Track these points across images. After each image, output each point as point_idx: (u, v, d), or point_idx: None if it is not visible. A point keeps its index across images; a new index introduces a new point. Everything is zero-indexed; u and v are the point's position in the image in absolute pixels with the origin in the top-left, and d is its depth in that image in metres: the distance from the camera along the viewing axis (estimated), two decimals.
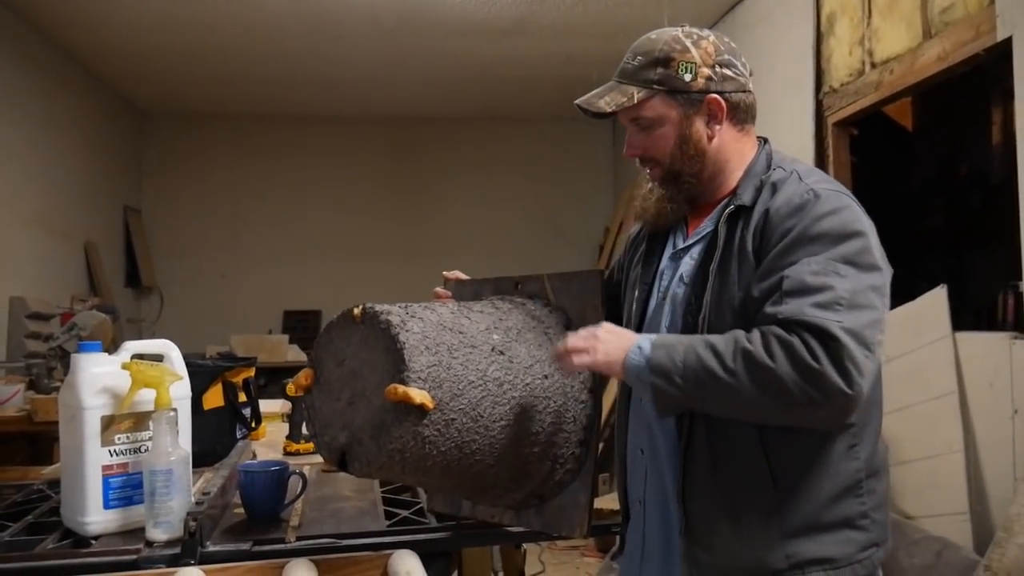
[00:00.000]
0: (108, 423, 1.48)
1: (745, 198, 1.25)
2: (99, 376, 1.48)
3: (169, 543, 1.40)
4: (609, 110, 1.29)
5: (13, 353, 4.46)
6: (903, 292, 3.09)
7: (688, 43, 1.29)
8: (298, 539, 1.44)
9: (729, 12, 4.53)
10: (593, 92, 1.34)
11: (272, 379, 4.34)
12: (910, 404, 3.02)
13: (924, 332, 2.95)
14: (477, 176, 7.29)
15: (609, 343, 1.19)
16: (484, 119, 7.16)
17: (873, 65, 3.25)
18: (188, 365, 1.70)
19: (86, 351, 1.51)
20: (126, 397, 1.47)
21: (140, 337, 6.90)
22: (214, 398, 2.18)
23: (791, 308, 1.10)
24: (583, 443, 1.36)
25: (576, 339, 1.20)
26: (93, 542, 1.45)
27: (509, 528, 1.47)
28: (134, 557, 1.35)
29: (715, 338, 1.14)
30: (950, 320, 2.87)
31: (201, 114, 6.93)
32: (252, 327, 6.56)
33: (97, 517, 1.47)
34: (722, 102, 1.29)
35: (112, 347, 1.62)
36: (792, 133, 3.84)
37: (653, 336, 1.19)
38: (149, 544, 1.41)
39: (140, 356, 1.57)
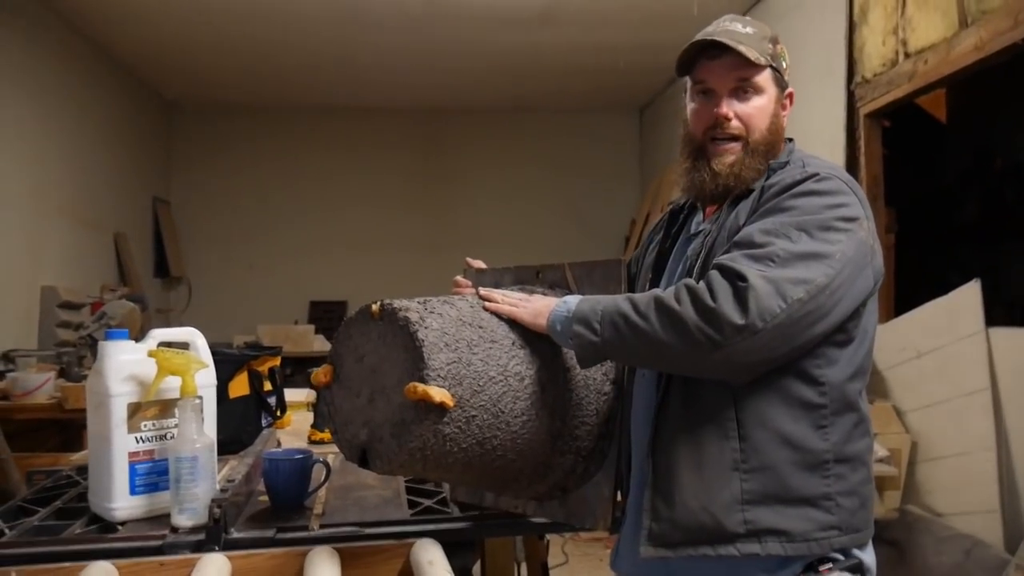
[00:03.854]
0: (134, 410, 1.49)
1: (757, 184, 1.27)
2: (126, 364, 1.49)
3: (194, 529, 1.41)
4: (751, 57, 1.25)
5: (44, 342, 4.53)
6: (936, 286, 3.04)
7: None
8: (321, 527, 1.44)
9: (760, 1, 4.46)
10: (718, 31, 1.29)
11: (298, 369, 4.38)
12: (941, 400, 2.97)
13: (957, 327, 2.90)
14: (503, 167, 7.28)
15: (539, 302, 1.27)
16: (510, 110, 7.14)
17: (907, 55, 3.18)
18: (214, 354, 1.71)
19: (113, 339, 1.52)
20: (152, 384, 1.48)
21: (169, 326, 6.97)
22: (240, 386, 2.20)
23: (727, 257, 1.15)
24: (606, 435, 1.35)
25: (509, 297, 1.29)
26: (119, 528, 1.46)
27: (532, 519, 1.47)
28: (159, 543, 1.36)
29: (638, 294, 1.18)
30: (983, 315, 2.81)
31: (229, 106, 6.98)
32: (279, 317, 6.62)
33: (123, 503, 1.48)
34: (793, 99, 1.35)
35: (140, 336, 1.63)
36: (823, 124, 3.79)
37: (578, 296, 1.24)
38: (174, 530, 1.42)
39: (167, 344, 1.58)
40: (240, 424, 2.14)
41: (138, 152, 6.34)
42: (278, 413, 2.31)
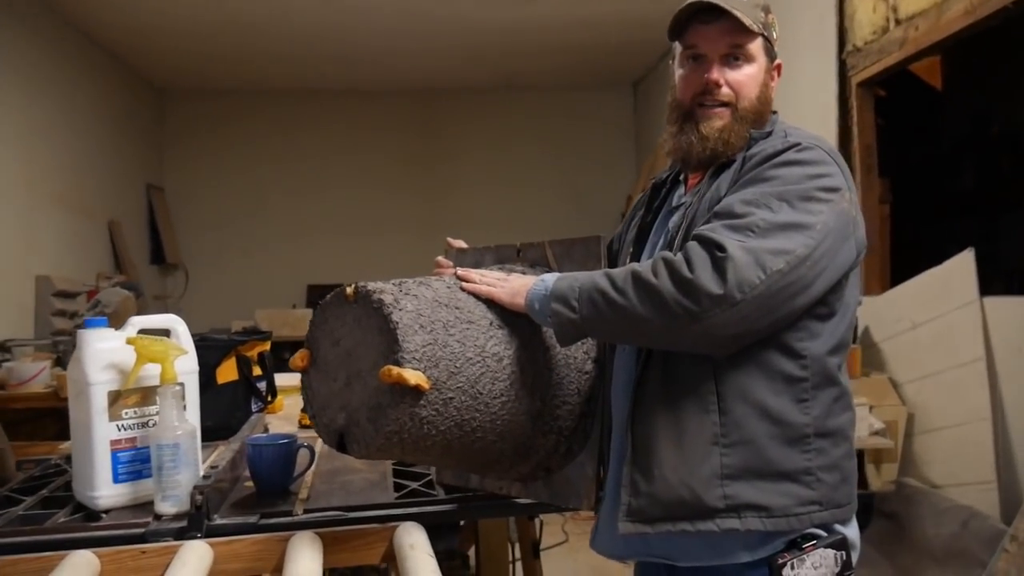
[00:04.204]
0: (115, 398, 1.48)
1: (739, 155, 1.25)
2: (105, 352, 1.48)
3: (177, 516, 1.40)
4: (747, 23, 1.22)
5: (40, 331, 4.53)
6: (932, 256, 3.01)
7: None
8: (305, 512, 1.44)
9: None
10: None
11: (296, 352, 4.37)
12: (936, 371, 2.96)
13: (951, 297, 2.88)
14: (497, 147, 7.24)
15: (517, 281, 1.26)
16: (502, 88, 7.09)
17: (898, 22, 3.14)
18: (201, 339, 1.70)
19: (92, 327, 1.51)
20: (131, 372, 1.47)
21: (167, 314, 6.97)
22: (228, 372, 2.19)
23: (706, 227, 1.13)
24: (588, 414, 1.33)
25: (487, 277, 1.28)
26: (103, 516, 1.46)
27: (517, 500, 1.46)
28: (142, 531, 1.35)
29: (615, 269, 1.16)
30: (978, 284, 2.79)
31: (219, 91, 6.93)
32: (277, 302, 6.61)
33: (107, 491, 1.47)
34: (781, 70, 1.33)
35: None
36: (815, 94, 3.75)
37: (556, 274, 1.23)
38: (158, 518, 1.41)
39: (147, 331, 1.57)
40: (229, 410, 2.13)
41: (130, 139, 6.31)
42: (268, 398, 2.31)
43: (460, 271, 1.32)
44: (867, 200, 3.47)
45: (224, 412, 2.10)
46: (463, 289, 1.28)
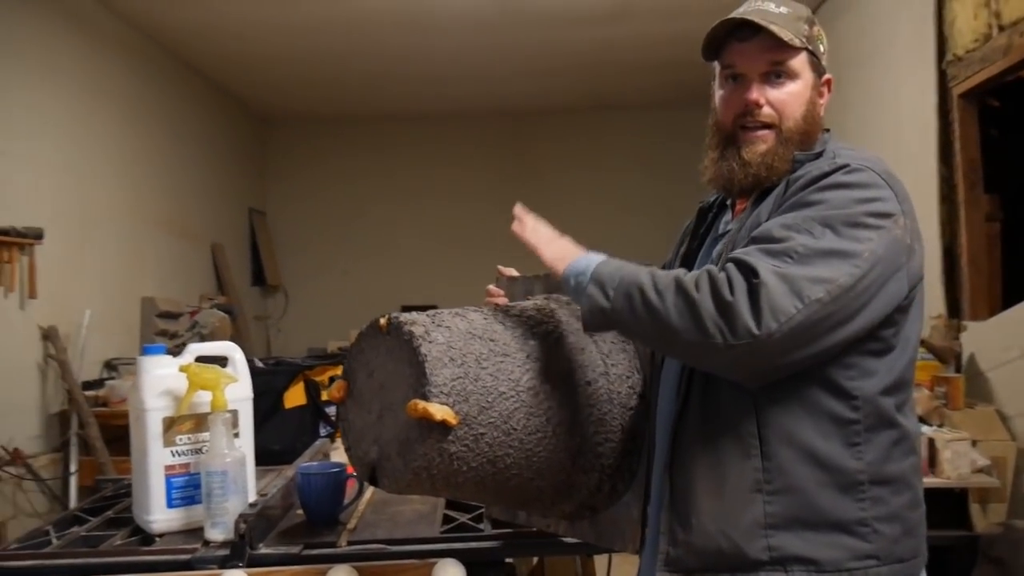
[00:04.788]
0: (170, 424, 1.51)
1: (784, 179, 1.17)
2: (161, 378, 1.52)
3: (224, 544, 1.41)
4: (785, 38, 1.15)
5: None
6: None
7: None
8: (349, 543, 1.43)
9: None
10: (749, 10, 1.20)
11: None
12: None
13: None
14: (588, 166, 7.19)
15: (566, 245, 1.21)
16: (592, 108, 7.05)
17: (1001, 28, 2.93)
18: (268, 364, 1.73)
19: (150, 354, 1.55)
20: (184, 399, 1.50)
21: (268, 334, 7.23)
22: (296, 396, 2.22)
23: (741, 251, 1.07)
24: (633, 452, 1.27)
25: (540, 232, 1.24)
26: (157, 540, 1.49)
27: (563, 539, 1.41)
28: (188, 557, 1.37)
29: (661, 271, 1.10)
30: None
31: (318, 117, 7.16)
32: None
33: (160, 516, 1.50)
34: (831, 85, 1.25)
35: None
36: (913, 107, 3.54)
37: (606, 256, 1.17)
38: (207, 544, 1.43)
39: (205, 358, 1.60)
40: (296, 434, 2.16)
41: (233, 165, 6.59)
42: (337, 424, 2.33)
43: (517, 209, 1.28)
44: (972, 218, 3.24)
45: (291, 436, 2.13)
46: (513, 229, 1.25)
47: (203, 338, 4.48)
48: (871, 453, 1.08)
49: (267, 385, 2.16)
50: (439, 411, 1.08)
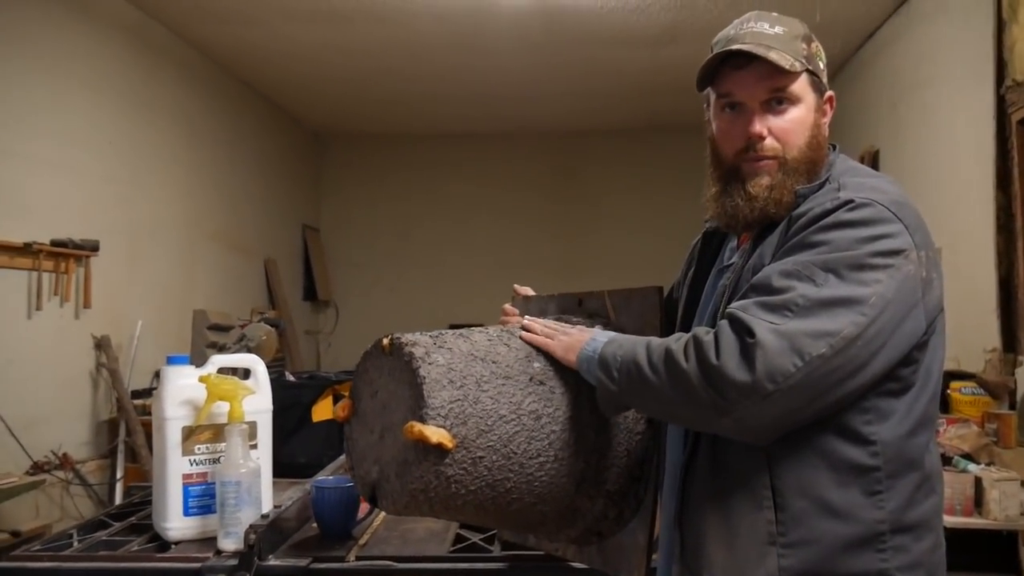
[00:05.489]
0: (188, 433, 1.54)
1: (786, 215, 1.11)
2: (182, 388, 1.55)
3: (235, 554, 1.43)
4: (785, 65, 1.08)
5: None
6: None
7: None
8: (357, 559, 1.43)
9: (903, 4, 4.13)
10: (743, 33, 1.14)
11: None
12: None
13: None
14: (638, 188, 7.15)
15: (575, 336, 1.17)
16: (642, 130, 7.02)
17: None
18: (297, 378, 1.75)
19: (173, 364, 1.58)
20: (203, 409, 1.53)
21: (318, 348, 7.34)
22: (324, 410, 2.24)
23: (739, 304, 1.02)
24: (639, 478, 1.24)
25: (545, 327, 1.21)
26: (173, 547, 1.51)
27: (572, 563, 1.38)
28: (198, 565, 1.39)
29: (657, 339, 1.08)
30: None
31: (371, 135, 7.28)
32: None
33: (177, 523, 1.53)
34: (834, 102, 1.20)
35: (279, 358, 1.67)
36: (968, 133, 3.44)
37: (612, 334, 1.14)
38: (219, 553, 1.45)
39: (227, 370, 1.63)
40: (323, 448, 2.18)
41: (288, 181, 6.73)
42: None
43: (526, 320, 1.28)
44: None
45: (318, 450, 2.15)
46: (522, 338, 1.23)
47: (250, 351, 4.56)
48: (893, 501, 1.02)
49: (296, 398, 2.19)
50: (435, 434, 1.07)
